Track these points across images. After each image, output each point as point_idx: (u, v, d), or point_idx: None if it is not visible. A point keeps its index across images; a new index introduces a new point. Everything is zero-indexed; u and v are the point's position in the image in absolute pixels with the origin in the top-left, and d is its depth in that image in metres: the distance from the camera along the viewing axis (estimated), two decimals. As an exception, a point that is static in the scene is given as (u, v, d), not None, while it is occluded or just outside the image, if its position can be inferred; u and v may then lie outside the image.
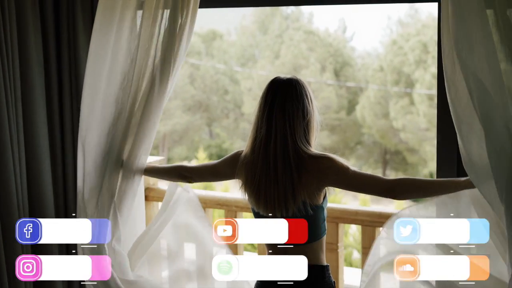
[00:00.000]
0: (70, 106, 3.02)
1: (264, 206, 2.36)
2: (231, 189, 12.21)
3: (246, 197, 2.43)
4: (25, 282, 2.91)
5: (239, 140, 18.79)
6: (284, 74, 2.42)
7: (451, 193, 2.23)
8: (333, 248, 3.06)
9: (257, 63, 19.35)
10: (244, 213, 3.45)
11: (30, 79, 2.89)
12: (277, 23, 19.32)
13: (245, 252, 4.60)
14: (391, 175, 18.27)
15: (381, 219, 3.01)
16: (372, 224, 3.04)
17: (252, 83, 18.79)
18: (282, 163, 2.31)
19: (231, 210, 3.37)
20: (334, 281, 2.46)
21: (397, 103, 17.22)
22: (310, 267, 2.30)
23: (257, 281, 2.49)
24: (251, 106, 18.62)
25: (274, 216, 2.35)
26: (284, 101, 2.32)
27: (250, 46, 19.79)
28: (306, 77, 17.90)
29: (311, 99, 2.37)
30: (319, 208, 2.38)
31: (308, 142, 2.35)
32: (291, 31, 18.98)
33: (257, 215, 2.46)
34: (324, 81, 17.82)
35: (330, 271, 2.45)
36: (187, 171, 2.71)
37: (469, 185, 2.18)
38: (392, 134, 17.61)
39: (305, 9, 19.06)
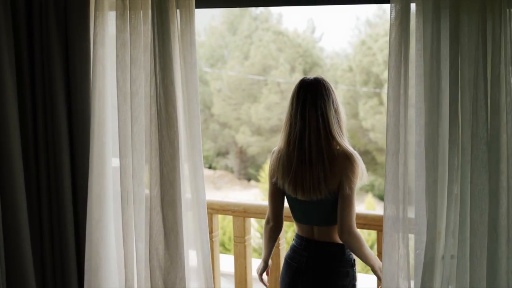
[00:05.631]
0: (43, 107, 2.97)
1: (301, 191, 2.68)
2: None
3: (283, 186, 2.73)
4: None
5: (208, 141, 18.72)
6: (309, 76, 2.75)
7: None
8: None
9: (226, 63, 19.32)
10: (220, 216, 3.42)
11: (2, 80, 2.85)
12: (246, 23, 19.31)
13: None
14: (361, 174, 18.36)
15: (359, 219, 3.01)
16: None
17: (222, 84, 18.76)
18: (316, 153, 2.63)
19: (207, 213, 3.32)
20: (354, 259, 2.79)
21: (366, 103, 17.34)
22: (333, 245, 2.75)
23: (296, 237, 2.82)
24: (220, 107, 18.57)
25: (309, 200, 2.68)
26: (315, 98, 2.64)
27: (219, 47, 19.75)
28: (276, 78, 17.95)
29: (336, 94, 2.69)
30: None
31: (342, 131, 2.67)
32: (260, 31, 18.99)
33: (292, 202, 2.78)
34: (293, 82, 17.70)
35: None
36: (277, 225, 2.87)
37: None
38: (361, 134, 17.72)
39: (274, 9, 19.09)
